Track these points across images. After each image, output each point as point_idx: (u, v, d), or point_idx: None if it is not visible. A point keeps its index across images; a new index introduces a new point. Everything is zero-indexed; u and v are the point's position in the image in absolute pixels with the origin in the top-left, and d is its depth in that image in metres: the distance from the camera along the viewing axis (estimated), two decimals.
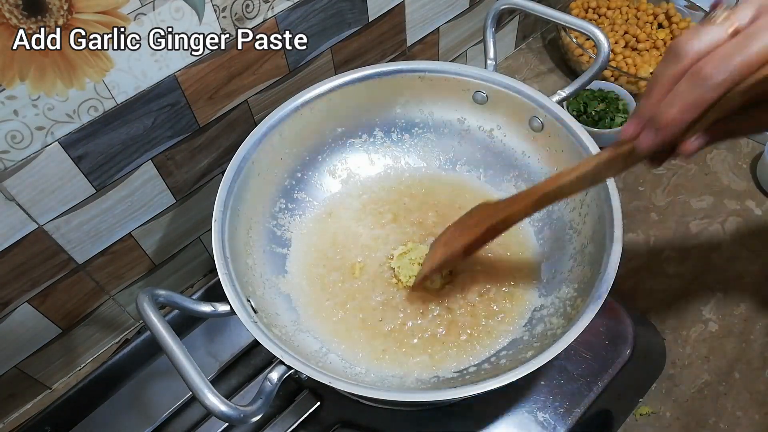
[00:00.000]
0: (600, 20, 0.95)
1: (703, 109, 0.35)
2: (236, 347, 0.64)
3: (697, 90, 0.35)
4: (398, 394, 0.48)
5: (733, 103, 0.35)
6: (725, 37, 0.35)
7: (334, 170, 0.70)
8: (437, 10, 0.78)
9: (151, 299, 0.46)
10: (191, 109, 0.60)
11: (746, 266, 0.74)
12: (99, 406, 0.63)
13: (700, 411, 0.64)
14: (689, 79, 0.35)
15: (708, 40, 0.35)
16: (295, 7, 0.61)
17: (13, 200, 0.52)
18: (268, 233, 0.63)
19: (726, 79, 0.34)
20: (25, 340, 0.63)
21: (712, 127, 0.37)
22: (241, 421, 0.43)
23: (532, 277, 0.62)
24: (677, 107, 0.36)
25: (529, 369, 0.46)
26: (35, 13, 0.44)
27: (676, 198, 0.81)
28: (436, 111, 0.69)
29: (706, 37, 0.35)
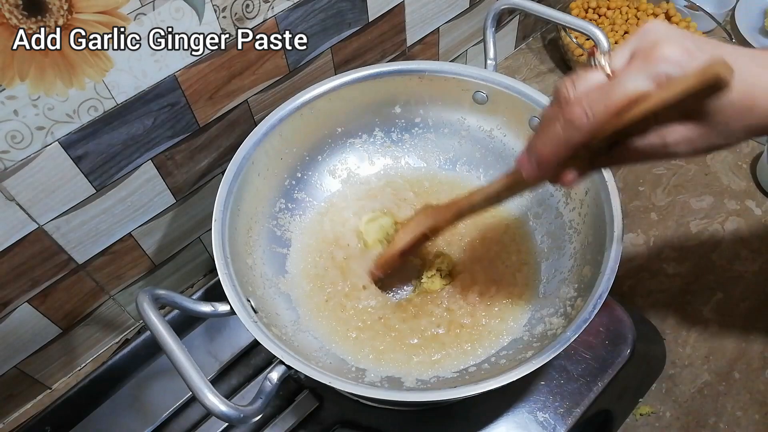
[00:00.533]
0: (600, 20, 0.95)
1: (571, 148, 0.39)
2: (236, 347, 0.64)
3: (565, 132, 0.38)
4: (398, 394, 0.48)
5: (599, 144, 0.38)
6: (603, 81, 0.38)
7: (334, 170, 0.70)
8: (437, 10, 0.78)
9: (151, 299, 0.46)
10: (191, 109, 0.60)
11: (746, 266, 0.74)
12: (99, 406, 0.63)
13: (700, 411, 0.64)
14: (562, 121, 0.38)
15: (585, 85, 0.38)
16: (295, 7, 0.61)
17: (13, 200, 0.52)
18: (268, 233, 0.63)
19: (590, 124, 0.37)
20: (25, 340, 0.63)
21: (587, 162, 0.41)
22: (241, 421, 0.43)
23: (532, 277, 0.62)
24: (549, 146, 0.39)
25: (529, 369, 0.46)
26: (35, 13, 0.44)
27: (676, 198, 0.81)
28: (436, 111, 0.69)
29: (584, 83, 0.38)
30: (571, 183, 0.41)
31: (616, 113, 0.36)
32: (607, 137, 0.37)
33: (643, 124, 0.37)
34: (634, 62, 0.36)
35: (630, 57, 0.37)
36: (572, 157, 0.40)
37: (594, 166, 0.42)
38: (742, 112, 0.36)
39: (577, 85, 0.38)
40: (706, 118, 0.36)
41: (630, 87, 0.35)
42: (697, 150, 0.38)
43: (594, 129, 0.37)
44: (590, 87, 0.37)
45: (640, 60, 0.36)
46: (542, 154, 0.40)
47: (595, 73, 0.38)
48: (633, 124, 0.36)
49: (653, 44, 0.36)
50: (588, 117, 0.36)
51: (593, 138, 0.38)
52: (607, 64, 0.38)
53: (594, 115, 0.36)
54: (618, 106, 0.36)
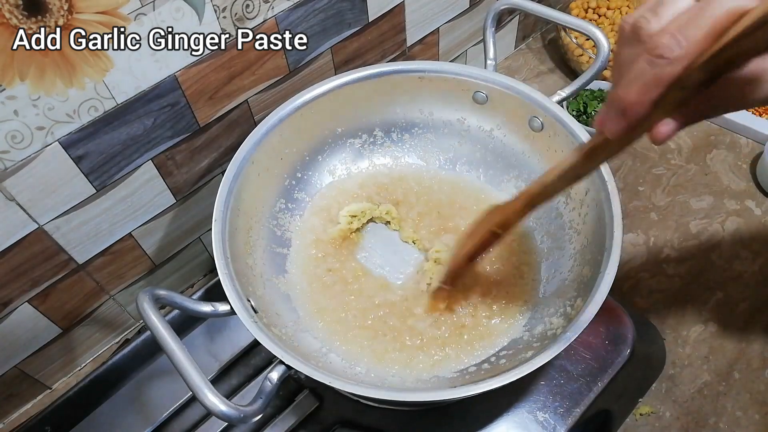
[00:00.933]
0: (600, 20, 0.95)
1: (663, 87, 0.32)
2: (236, 347, 0.64)
3: (655, 67, 0.31)
4: (398, 394, 0.48)
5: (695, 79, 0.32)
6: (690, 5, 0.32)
7: (334, 170, 0.70)
8: (437, 10, 0.78)
9: (151, 299, 0.46)
10: (191, 109, 0.60)
11: (746, 266, 0.74)
12: (99, 406, 0.63)
13: (700, 411, 0.64)
14: (647, 56, 0.32)
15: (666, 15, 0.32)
16: (295, 7, 0.61)
17: (13, 200, 0.52)
18: (268, 233, 0.63)
19: (683, 52, 0.31)
20: (25, 340, 0.63)
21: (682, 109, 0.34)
22: (241, 421, 0.43)
23: (532, 277, 0.62)
24: (636, 88, 0.32)
25: (529, 369, 0.46)
26: (35, 13, 0.44)
27: (676, 198, 0.81)
28: (436, 111, 0.69)
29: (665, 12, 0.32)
30: (666, 136, 0.34)
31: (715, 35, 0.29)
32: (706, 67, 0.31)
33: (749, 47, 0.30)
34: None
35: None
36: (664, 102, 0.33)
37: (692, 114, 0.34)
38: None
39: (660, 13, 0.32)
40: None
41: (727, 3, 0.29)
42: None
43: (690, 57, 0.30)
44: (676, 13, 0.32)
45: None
46: (627, 100, 0.33)
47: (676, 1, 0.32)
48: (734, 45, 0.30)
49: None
50: (680, 44, 0.30)
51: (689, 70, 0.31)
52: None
53: (688, 40, 0.30)
54: (716, 26, 0.29)
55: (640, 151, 0.86)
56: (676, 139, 0.87)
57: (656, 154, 0.86)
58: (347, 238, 0.66)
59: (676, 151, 0.86)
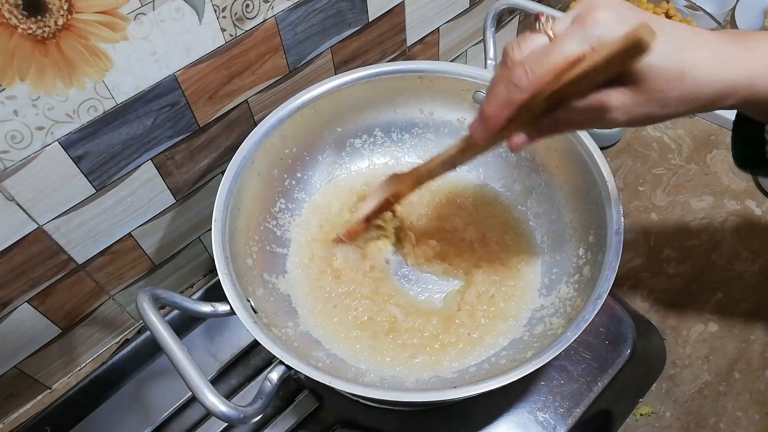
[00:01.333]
0: None
1: (513, 108, 0.40)
2: (236, 347, 0.64)
3: (508, 92, 0.40)
4: (398, 394, 0.48)
5: (540, 105, 0.40)
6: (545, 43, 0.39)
7: (334, 170, 0.70)
8: (437, 10, 0.78)
9: (151, 299, 0.46)
10: (191, 109, 0.60)
11: (746, 266, 0.74)
12: (99, 406, 0.63)
13: (700, 411, 0.64)
14: (505, 81, 0.40)
15: (527, 47, 0.40)
16: (295, 7, 0.61)
17: (13, 200, 0.52)
18: (268, 233, 0.63)
19: (530, 84, 0.39)
20: (25, 340, 0.63)
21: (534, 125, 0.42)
22: (241, 421, 0.43)
23: (532, 277, 0.62)
24: (493, 105, 0.41)
25: (529, 369, 0.46)
26: (35, 13, 0.44)
27: (676, 198, 0.81)
28: (436, 111, 0.69)
29: (528, 45, 0.40)
30: (519, 146, 0.43)
31: (554, 74, 0.38)
32: (547, 98, 0.39)
33: (580, 87, 0.38)
34: (573, 26, 0.38)
35: (571, 22, 0.39)
36: (518, 119, 0.41)
37: (541, 132, 0.43)
38: (673, 80, 0.38)
39: (522, 46, 0.40)
40: (639, 83, 0.38)
41: (566, 49, 0.37)
42: (634, 117, 0.40)
43: (533, 89, 0.39)
44: (534, 49, 0.39)
45: (577, 23, 0.38)
46: (487, 113, 0.42)
47: (540, 36, 0.40)
48: (569, 85, 0.38)
49: (590, 9, 0.38)
50: (528, 77, 0.38)
51: (534, 98, 0.39)
52: (551, 28, 0.39)
53: (534, 75, 0.38)
54: (556, 67, 0.38)
55: (640, 151, 0.86)
56: (676, 139, 0.87)
57: (656, 154, 0.86)
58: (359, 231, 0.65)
59: (677, 151, 0.86)
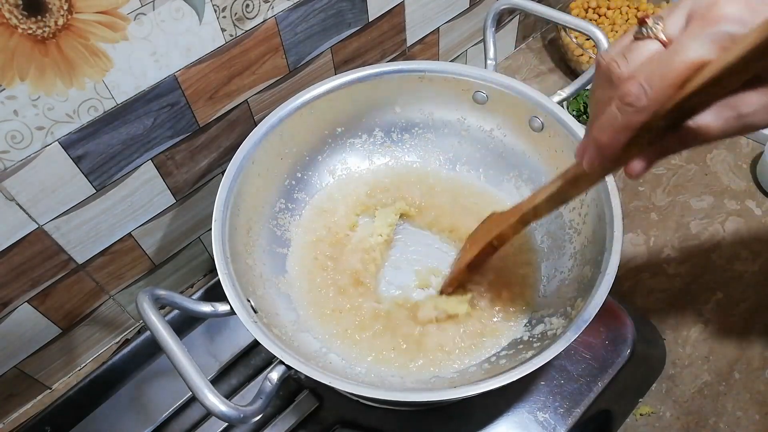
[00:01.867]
0: (600, 20, 0.95)
1: (632, 132, 0.34)
2: (236, 347, 0.64)
3: (624, 114, 0.34)
4: (398, 394, 0.48)
5: (663, 123, 0.34)
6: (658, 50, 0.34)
7: (334, 170, 0.70)
8: (437, 10, 0.78)
9: (151, 299, 0.46)
10: (191, 109, 0.60)
11: (746, 266, 0.74)
12: (99, 406, 0.63)
13: (700, 411, 0.64)
14: (617, 103, 0.34)
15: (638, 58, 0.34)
16: (295, 7, 0.61)
17: (13, 200, 0.52)
18: (268, 233, 0.63)
19: (650, 102, 0.33)
20: (25, 340, 0.63)
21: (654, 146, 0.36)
22: (241, 421, 0.43)
23: (533, 276, 0.62)
24: (608, 132, 0.35)
25: (529, 369, 0.46)
26: (35, 13, 0.44)
27: (676, 198, 0.81)
28: (436, 111, 0.69)
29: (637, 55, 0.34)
30: (640, 172, 0.37)
31: (678, 85, 0.32)
32: (671, 114, 0.33)
33: (710, 95, 0.32)
34: (692, 25, 0.32)
35: (686, 21, 0.33)
36: (636, 142, 0.35)
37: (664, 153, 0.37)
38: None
39: (629, 58, 0.34)
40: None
41: (691, 54, 0.31)
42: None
43: (655, 107, 0.33)
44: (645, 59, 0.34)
45: (698, 22, 0.32)
46: (601, 142, 0.36)
47: (648, 43, 0.34)
48: (697, 95, 0.31)
49: (711, 3, 0.32)
50: (647, 93, 0.32)
51: (655, 117, 0.33)
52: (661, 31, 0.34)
53: (653, 91, 0.32)
54: (679, 77, 0.31)
55: None
56: None
57: None
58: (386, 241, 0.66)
59: None
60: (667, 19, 0.34)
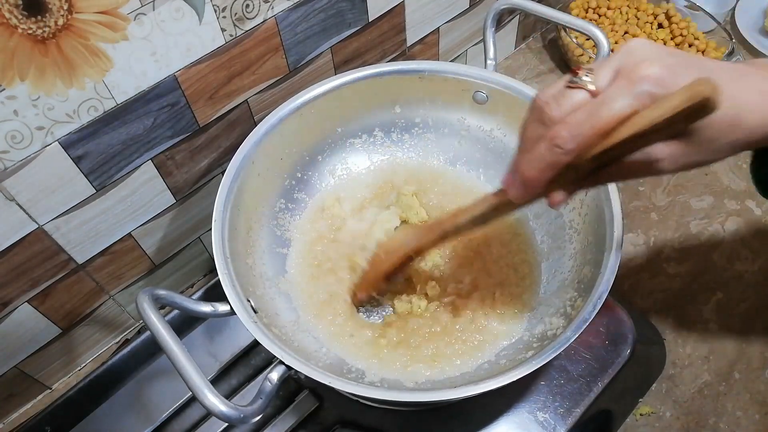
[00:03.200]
0: (600, 20, 0.95)
1: (557, 170, 0.38)
2: (236, 347, 0.64)
3: (551, 154, 0.37)
4: (398, 394, 0.48)
5: (586, 166, 0.38)
6: (587, 99, 0.37)
7: (334, 170, 0.70)
8: (437, 10, 0.78)
9: (151, 299, 0.46)
10: (191, 109, 0.60)
11: (746, 266, 0.74)
12: (99, 406, 0.63)
13: (700, 411, 0.64)
14: (547, 143, 0.37)
15: (568, 104, 0.37)
16: (295, 7, 0.61)
17: (13, 200, 0.52)
18: (268, 233, 0.63)
19: (576, 147, 0.36)
20: (25, 340, 0.63)
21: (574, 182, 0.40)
22: (241, 421, 0.43)
23: (533, 277, 0.62)
24: (535, 168, 0.38)
25: (529, 369, 0.46)
26: (35, 13, 0.44)
27: (676, 198, 0.81)
28: (436, 111, 0.69)
29: (567, 102, 0.37)
30: (559, 203, 0.41)
31: (603, 135, 0.35)
32: (594, 159, 0.37)
33: (630, 145, 0.36)
34: (618, 82, 0.36)
35: (613, 76, 0.36)
36: (559, 178, 0.39)
37: (582, 187, 0.41)
38: (727, 129, 0.36)
39: (560, 102, 0.37)
40: (691, 136, 0.36)
41: (615, 107, 0.35)
42: (683, 166, 0.38)
43: (580, 151, 0.36)
44: (574, 105, 0.37)
45: (624, 79, 0.35)
46: (528, 176, 0.39)
47: (579, 92, 0.37)
48: (619, 145, 0.35)
49: (636, 63, 0.35)
50: (575, 139, 0.36)
51: (580, 160, 0.37)
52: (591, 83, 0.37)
53: (581, 137, 0.36)
54: (605, 127, 0.35)
55: None
56: None
57: None
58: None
59: None
60: (598, 72, 0.37)
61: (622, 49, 0.37)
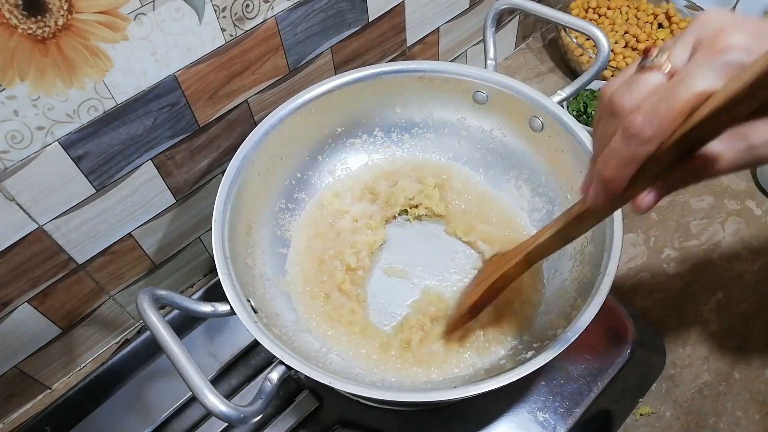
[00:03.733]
0: (600, 20, 0.95)
1: (637, 164, 0.33)
2: (236, 347, 0.64)
3: (628, 146, 0.32)
4: (398, 394, 0.48)
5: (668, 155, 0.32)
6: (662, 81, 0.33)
7: (334, 170, 0.70)
8: (437, 10, 0.78)
9: (151, 299, 0.46)
10: (191, 109, 0.60)
11: (746, 266, 0.74)
12: (99, 406, 0.63)
13: (700, 411, 0.64)
14: (622, 134, 0.33)
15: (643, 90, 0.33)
16: (295, 7, 0.61)
17: (13, 200, 0.52)
18: (268, 233, 0.63)
19: (655, 133, 0.31)
20: (25, 340, 0.63)
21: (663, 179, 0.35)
22: (241, 421, 0.43)
23: (533, 277, 0.62)
24: (613, 165, 0.34)
25: (529, 369, 0.46)
26: (35, 13, 0.44)
27: (676, 198, 0.81)
28: (436, 111, 0.69)
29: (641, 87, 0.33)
30: (648, 207, 0.35)
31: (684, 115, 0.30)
32: (678, 145, 0.31)
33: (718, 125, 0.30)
34: (698, 55, 0.31)
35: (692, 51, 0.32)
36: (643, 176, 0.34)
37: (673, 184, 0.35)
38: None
39: (632, 89, 0.33)
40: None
41: (697, 83, 0.30)
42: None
43: (662, 138, 0.31)
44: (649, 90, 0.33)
45: (704, 52, 0.31)
46: (606, 176, 0.34)
47: (653, 74, 0.33)
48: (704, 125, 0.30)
49: (717, 33, 0.31)
50: (653, 125, 0.31)
51: (661, 148, 0.32)
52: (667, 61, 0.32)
53: (659, 121, 0.31)
54: (685, 107, 0.30)
55: None
56: None
57: None
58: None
59: None
60: (673, 49, 0.33)
61: (694, 22, 0.33)
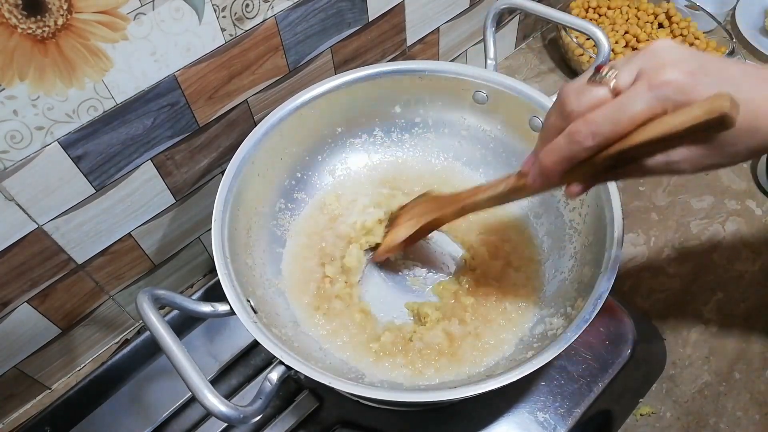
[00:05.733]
0: (600, 20, 0.95)
1: (573, 163, 0.39)
2: (236, 347, 0.64)
3: (570, 148, 0.38)
4: (398, 394, 0.48)
5: (603, 163, 0.39)
6: (607, 96, 0.38)
7: (334, 170, 0.70)
8: (437, 10, 0.77)
9: (151, 299, 0.46)
10: (191, 109, 0.60)
11: (746, 266, 0.74)
12: (99, 406, 0.63)
13: (700, 411, 0.64)
14: (566, 135, 0.38)
15: (589, 100, 0.38)
16: (295, 7, 0.61)
17: (12, 200, 0.52)
18: (268, 233, 0.63)
19: (594, 145, 0.37)
20: (25, 340, 0.63)
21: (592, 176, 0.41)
22: (240, 421, 0.43)
23: (533, 277, 0.62)
24: (552, 159, 0.40)
25: (529, 369, 0.46)
26: (35, 13, 0.44)
27: (676, 198, 0.81)
28: (436, 111, 0.69)
29: (588, 97, 0.38)
30: (575, 195, 0.42)
31: (622, 136, 0.37)
32: (612, 158, 0.38)
33: (648, 148, 0.37)
34: (639, 83, 0.36)
35: (636, 76, 0.37)
36: (577, 170, 0.40)
37: (599, 181, 0.43)
38: (745, 135, 0.36)
39: (581, 98, 0.38)
40: (710, 140, 0.36)
41: (636, 110, 0.36)
42: (700, 168, 0.38)
43: (598, 149, 0.38)
44: (595, 102, 0.38)
45: (645, 81, 0.36)
46: (545, 165, 0.41)
47: (600, 89, 0.38)
48: (637, 147, 0.36)
49: (658, 66, 0.36)
50: (594, 138, 0.37)
51: (598, 157, 0.38)
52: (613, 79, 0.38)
53: (600, 137, 0.37)
54: (625, 129, 0.36)
55: None
56: None
57: None
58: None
59: None
60: (620, 71, 0.38)
61: (647, 48, 0.38)
